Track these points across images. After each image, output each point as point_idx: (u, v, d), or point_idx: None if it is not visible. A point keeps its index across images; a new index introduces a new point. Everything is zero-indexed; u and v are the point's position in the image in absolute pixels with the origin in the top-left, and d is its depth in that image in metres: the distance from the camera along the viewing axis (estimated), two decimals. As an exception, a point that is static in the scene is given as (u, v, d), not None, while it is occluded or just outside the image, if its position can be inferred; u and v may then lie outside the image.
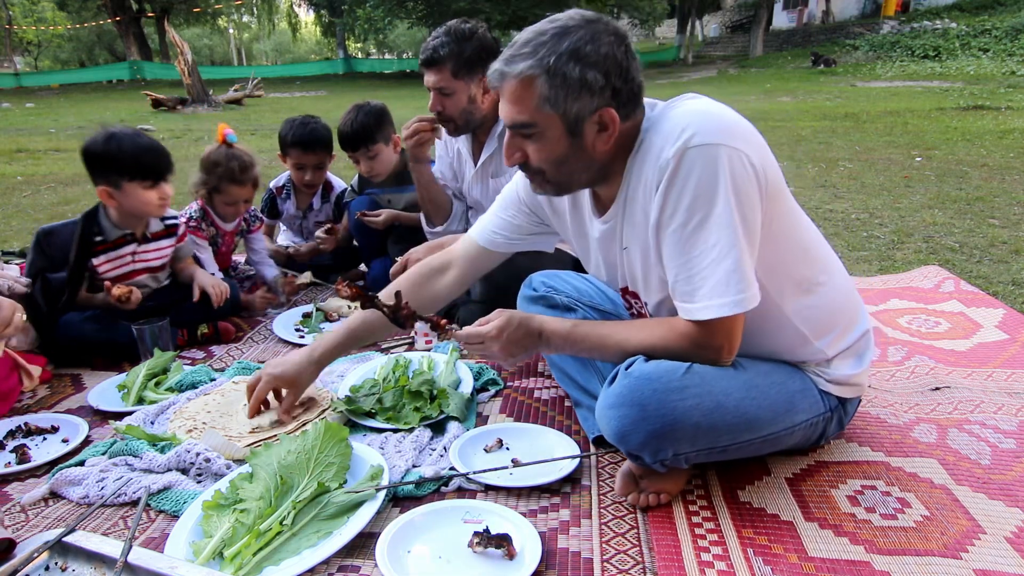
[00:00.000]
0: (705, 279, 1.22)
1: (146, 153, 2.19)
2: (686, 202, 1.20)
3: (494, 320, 1.42)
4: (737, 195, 1.18)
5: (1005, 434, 1.62)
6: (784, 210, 1.30)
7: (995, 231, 3.51)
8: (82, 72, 30.65)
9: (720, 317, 1.23)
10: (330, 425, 1.52)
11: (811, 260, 1.37)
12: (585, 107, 1.23)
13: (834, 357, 1.41)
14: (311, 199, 3.16)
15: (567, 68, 1.20)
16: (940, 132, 7.25)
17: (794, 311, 1.35)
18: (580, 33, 1.21)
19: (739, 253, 1.19)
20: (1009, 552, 1.24)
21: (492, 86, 1.30)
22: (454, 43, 2.20)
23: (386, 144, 2.79)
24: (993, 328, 2.28)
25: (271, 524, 1.30)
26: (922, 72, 16.47)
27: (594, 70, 1.20)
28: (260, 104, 16.16)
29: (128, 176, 2.16)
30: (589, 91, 1.22)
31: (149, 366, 2.05)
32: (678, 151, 1.19)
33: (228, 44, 55.39)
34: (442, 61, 2.21)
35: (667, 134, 1.22)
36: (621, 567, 1.24)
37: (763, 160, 1.22)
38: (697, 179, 1.18)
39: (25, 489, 1.55)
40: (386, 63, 40.25)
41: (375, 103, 2.82)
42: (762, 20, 25.22)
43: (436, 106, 2.30)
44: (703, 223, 1.20)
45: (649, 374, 1.26)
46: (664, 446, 1.28)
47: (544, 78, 1.21)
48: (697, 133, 1.18)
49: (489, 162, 2.46)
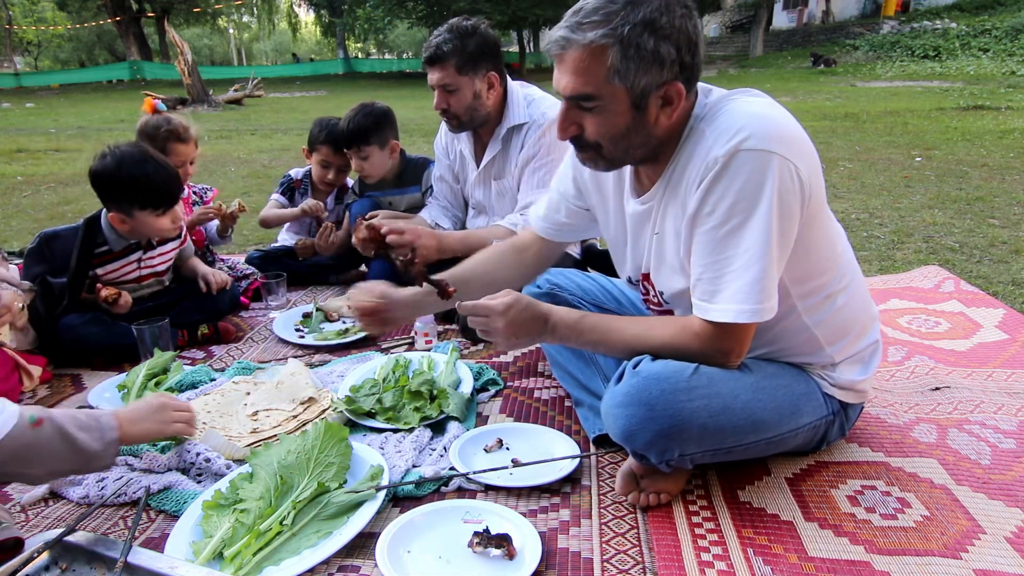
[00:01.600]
0: (729, 283, 1.21)
1: (158, 182, 2.15)
2: (727, 203, 1.18)
3: (502, 297, 1.38)
4: (780, 206, 1.16)
5: (1005, 434, 1.62)
6: (821, 220, 1.29)
7: (995, 231, 3.51)
8: (82, 72, 30.69)
9: (736, 323, 1.23)
10: (330, 425, 1.52)
11: (837, 269, 1.36)
12: (654, 80, 1.18)
13: (840, 362, 1.41)
14: (327, 199, 3.18)
15: (641, 39, 1.14)
16: (940, 132, 7.25)
17: (812, 317, 1.36)
18: (654, 3, 1.15)
19: (768, 264, 1.18)
20: (1009, 552, 1.23)
21: (551, 53, 1.23)
22: (457, 39, 2.20)
23: (380, 148, 2.79)
24: (993, 328, 2.27)
25: (271, 524, 1.30)
26: (922, 72, 16.47)
27: (667, 43, 1.15)
28: (260, 104, 16.17)
29: (139, 206, 2.15)
30: (660, 64, 1.17)
31: (149, 366, 2.04)
32: (729, 151, 1.16)
33: (228, 44, 55.39)
34: (446, 58, 2.21)
35: (721, 130, 1.19)
36: (621, 567, 1.24)
37: (811, 173, 1.20)
38: (743, 183, 1.16)
39: (25, 489, 1.55)
40: (386, 63, 40.29)
41: (380, 105, 2.82)
42: (762, 20, 25.21)
43: (441, 103, 2.30)
44: (740, 227, 1.18)
45: (658, 373, 1.26)
46: (671, 446, 1.27)
47: (617, 48, 1.15)
48: (752, 136, 1.15)
49: (492, 164, 2.46)
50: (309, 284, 3.09)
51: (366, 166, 2.81)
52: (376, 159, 2.80)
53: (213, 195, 3.04)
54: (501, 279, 1.68)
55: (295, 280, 3.03)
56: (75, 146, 8.81)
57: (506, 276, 1.71)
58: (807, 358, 1.41)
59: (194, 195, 2.98)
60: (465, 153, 2.57)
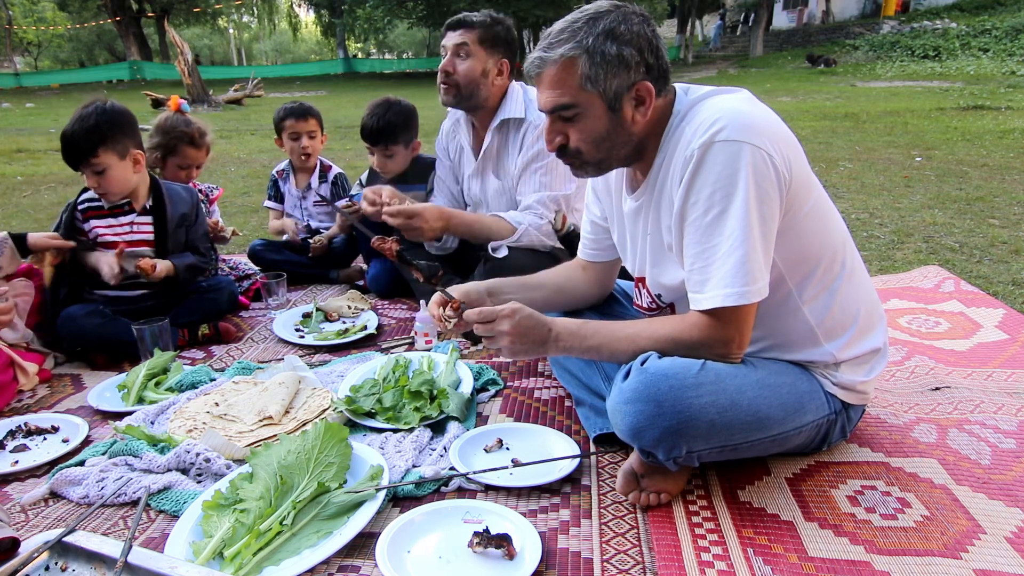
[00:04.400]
0: (716, 270, 1.26)
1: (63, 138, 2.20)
2: (706, 193, 1.25)
3: (507, 305, 1.43)
4: (757, 192, 1.22)
5: (1005, 434, 1.62)
6: (813, 206, 1.33)
7: (995, 231, 3.51)
8: (82, 72, 30.69)
9: (725, 306, 1.25)
10: (330, 425, 1.52)
11: (832, 256, 1.39)
12: (623, 82, 1.30)
13: (843, 362, 1.42)
14: (309, 178, 3.23)
15: (604, 47, 1.28)
16: (940, 132, 7.25)
17: (810, 307, 1.38)
18: (612, 16, 1.30)
19: (750, 248, 1.23)
20: (1009, 552, 1.23)
21: (529, 74, 1.37)
22: (488, 18, 2.28)
23: (405, 147, 2.82)
24: (993, 328, 2.27)
25: (271, 524, 1.30)
26: (922, 72, 16.47)
27: (629, 47, 1.29)
28: (260, 104, 16.16)
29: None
30: (626, 67, 1.29)
31: (149, 366, 2.05)
32: (704, 144, 1.24)
33: (228, 44, 55.40)
34: (471, 25, 2.26)
35: (698, 125, 1.28)
36: (621, 567, 1.24)
37: (787, 159, 1.26)
38: (719, 173, 1.23)
39: (25, 489, 1.55)
40: (386, 63, 40.29)
41: (406, 103, 2.83)
42: (762, 20, 25.21)
43: (448, 65, 2.28)
44: (721, 215, 1.24)
45: (665, 370, 1.27)
46: (679, 443, 1.28)
47: (585, 58, 1.29)
48: (724, 128, 1.23)
49: (488, 157, 2.46)
50: (309, 283, 3.10)
51: (389, 163, 2.83)
52: (400, 157, 2.83)
53: (219, 194, 3.05)
54: (570, 289, 1.78)
55: (296, 277, 3.04)
56: (75, 146, 8.79)
57: (573, 287, 1.79)
58: (808, 354, 1.42)
59: (199, 193, 2.96)
60: (464, 145, 2.56)
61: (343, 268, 3.15)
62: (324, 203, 3.23)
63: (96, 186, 2.26)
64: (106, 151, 2.19)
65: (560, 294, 1.77)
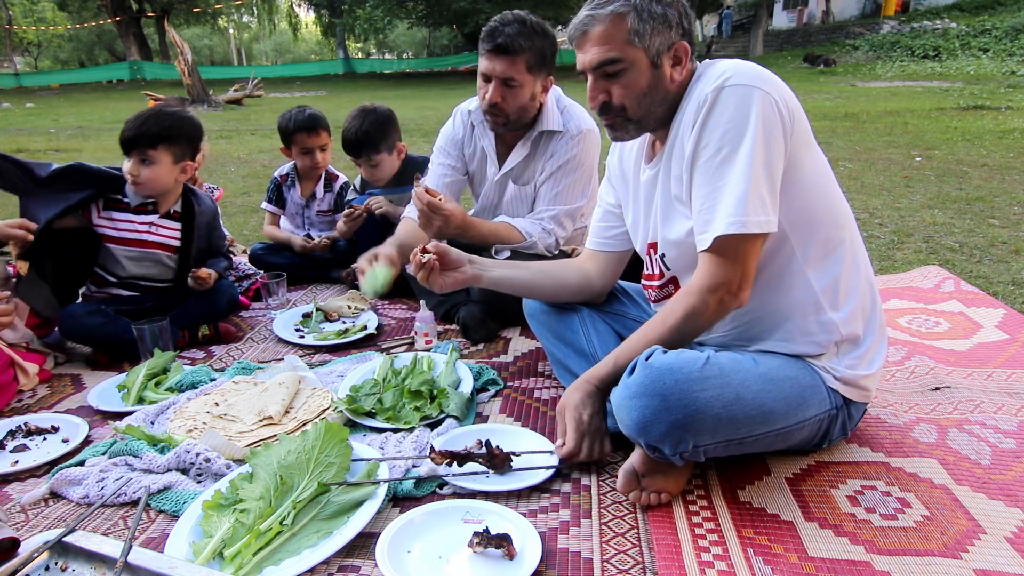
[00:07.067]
0: (721, 205, 1.31)
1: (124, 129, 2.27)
2: (718, 134, 1.31)
3: (566, 431, 1.48)
4: (765, 133, 1.28)
5: (1005, 434, 1.62)
6: (816, 167, 1.40)
7: (995, 231, 3.51)
8: (82, 72, 30.70)
9: (727, 235, 1.29)
10: (330, 425, 1.52)
11: (835, 220, 1.42)
12: (665, 40, 1.39)
13: (844, 341, 1.43)
14: (315, 187, 3.20)
15: (651, 5, 1.37)
16: (940, 132, 7.25)
17: (813, 269, 1.40)
18: None
19: (754, 182, 1.28)
20: (1009, 552, 1.23)
21: (575, 36, 1.43)
22: (533, 36, 2.08)
23: (389, 153, 2.81)
24: (993, 328, 2.27)
25: (271, 524, 1.30)
26: (922, 72, 16.48)
27: (671, 8, 1.39)
28: (260, 104, 16.16)
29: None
30: (668, 25, 1.38)
31: (149, 366, 2.05)
32: (716, 88, 1.31)
33: (228, 44, 55.40)
34: (520, 52, 2.07)
35: (708, 78, 1.36)
36: (621, 567, 1.24)
37: (791, 109, 1.33)
38: (731, 115, 1.30)
39: (25, 489, 1.55)
40: (386, 63, 40.29)
41: (382, 108, 2.82)
42: (762, 20, 25.20)
43: (495, 97, 2.13)
44: (731, 155, 1.30)
45: (670, 364, 1.27)
46: (685, 437, 1.28)
47: (633, 14, 1.37)
48: (735, 75, 1.32)
49: (517, 167, 2.36)
50: (309, 283, 3.10)
51: (376, 172, 2.82)
52: (386, 165, 2.82)
53: (220, 194, 3.05)
54: (559, 274, 1.83)
55: (296, 277, 3.04)
56: (75, 146, 8.81)
57: (563, 274, 1.83)
58: (811, 329, 1.42)
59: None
60: (488, 151, 2.42)
61: (344, 268, 3.15)
62: (329, 213, 3.21)
63: (136, 174, 2.27)
64: (164, 149, 2.26)
65: (547, 277, 1.81)
